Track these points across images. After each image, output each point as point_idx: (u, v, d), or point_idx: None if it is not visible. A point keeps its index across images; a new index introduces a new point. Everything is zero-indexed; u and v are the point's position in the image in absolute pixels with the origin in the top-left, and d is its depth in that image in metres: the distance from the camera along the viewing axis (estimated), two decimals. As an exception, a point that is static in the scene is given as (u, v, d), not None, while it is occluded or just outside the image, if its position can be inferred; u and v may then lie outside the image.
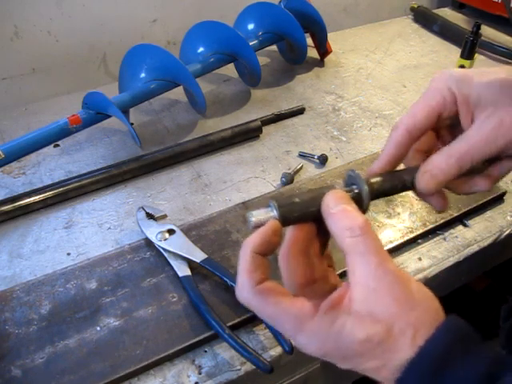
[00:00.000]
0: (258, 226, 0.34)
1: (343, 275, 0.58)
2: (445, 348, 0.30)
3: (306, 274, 0.36)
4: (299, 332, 0.32)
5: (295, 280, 0.36)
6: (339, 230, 0.33)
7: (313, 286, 0.36)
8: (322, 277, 0.37)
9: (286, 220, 0.34)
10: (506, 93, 0.36)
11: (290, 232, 0.36)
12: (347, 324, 0.31)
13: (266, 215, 0.34)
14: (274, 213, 0.34)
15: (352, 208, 0.34)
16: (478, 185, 0.40)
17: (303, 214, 0.34)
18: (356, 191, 0.36)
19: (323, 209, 0.34)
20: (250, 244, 0.34)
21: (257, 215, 0.34)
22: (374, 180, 0.38)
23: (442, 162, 0.37)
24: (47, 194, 0.69)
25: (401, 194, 0.41)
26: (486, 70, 0.38)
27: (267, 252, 0.34)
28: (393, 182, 0.38)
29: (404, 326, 0.31)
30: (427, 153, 0.42)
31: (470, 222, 0.67)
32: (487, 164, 0.40)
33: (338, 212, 0.33)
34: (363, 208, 0.36)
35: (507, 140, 0.36)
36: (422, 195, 0.40)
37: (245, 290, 0.33)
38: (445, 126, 0.42)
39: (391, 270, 0.32)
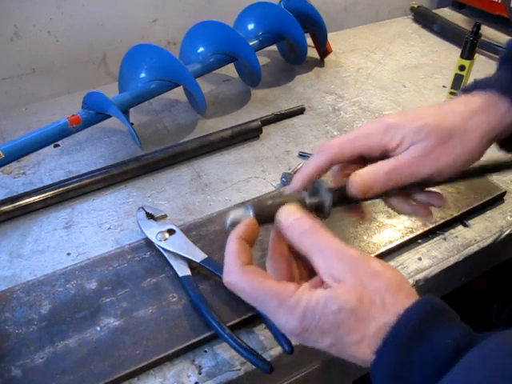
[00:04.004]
0: (235, 224, 0.37)
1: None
2: (422, 316, 0.31)
3: (288, 276, 0.39)
4: (280, 308, 0.34)
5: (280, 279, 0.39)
6: (294, 238, 0.36)
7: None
8: (303, 279, 0.40)
9: (259, 218, 0.38)
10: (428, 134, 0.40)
11: (271, 236, 0.39)
12: (322, 297, 0.33)
13: (242, 214, 0.38)
14: (250, 213, 0.37)
15: (300, 215, 0.37)
16: (419, 210, 0.43)
17: (272, 216, 0.38)
18: (318, 199, 0.40)
19: (279, 226, 0.37)
20: (236, 232, 0.37)
21: (235, 212, 0.38)
22: (336, 188, 0.41)
23: (371, 171, 0.40)
24: (47, 193, 0.69)
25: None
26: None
27: (250, 240, 0.37)
28: None
29: (372, 294, 0.33)
30: None
31: (470, 222, 0.67)
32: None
33: (289, 224, 0.37)
34: (324, 213, 0.40)
35: (433, 167, 0.40)
36: (400, 209, 0.43)
37: (232, 271, 0.35)
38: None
39: (352, 252, 0.34)
